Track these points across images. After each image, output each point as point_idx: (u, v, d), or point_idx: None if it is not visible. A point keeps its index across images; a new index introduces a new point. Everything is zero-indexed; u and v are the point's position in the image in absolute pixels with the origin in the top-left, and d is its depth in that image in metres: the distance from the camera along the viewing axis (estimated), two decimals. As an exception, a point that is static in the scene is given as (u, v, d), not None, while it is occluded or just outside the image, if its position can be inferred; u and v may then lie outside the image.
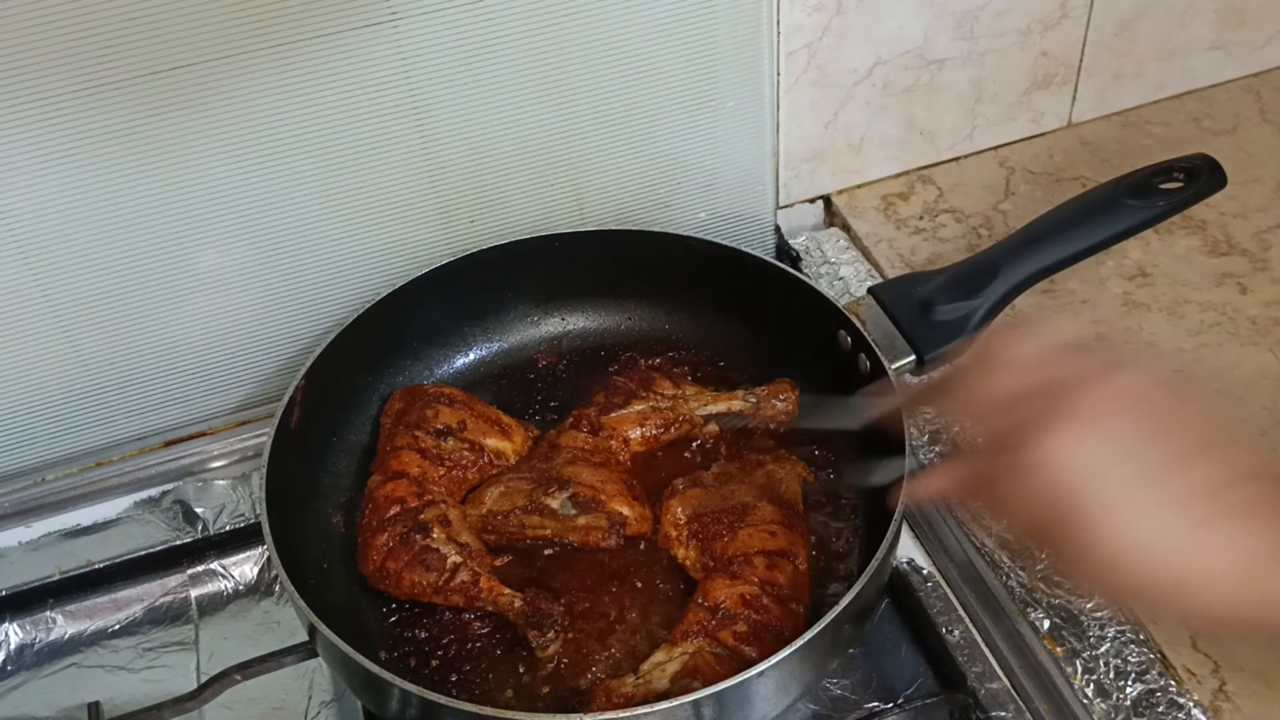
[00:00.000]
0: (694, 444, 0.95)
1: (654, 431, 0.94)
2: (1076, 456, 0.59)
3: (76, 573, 0.94)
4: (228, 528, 0.97)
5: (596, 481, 0.88)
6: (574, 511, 0.86)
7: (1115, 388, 0.61)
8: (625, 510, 0.87)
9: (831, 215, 1.16)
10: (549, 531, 0.86)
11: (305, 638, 0.82)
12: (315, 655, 0.82)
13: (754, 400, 0.95)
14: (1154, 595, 0.61)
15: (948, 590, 0.87)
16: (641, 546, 0.88)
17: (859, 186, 1.16)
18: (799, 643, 0.72)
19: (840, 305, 0.92)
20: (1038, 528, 0.62)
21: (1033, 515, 0.61)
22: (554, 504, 0.86)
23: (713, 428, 0.95)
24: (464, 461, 0.91)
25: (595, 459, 0.90)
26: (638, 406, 0.94)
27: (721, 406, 0.95)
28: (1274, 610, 0.58)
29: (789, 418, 0.95)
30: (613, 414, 0.93)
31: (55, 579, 0.94)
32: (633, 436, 0.93)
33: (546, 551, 0.88)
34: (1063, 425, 0.60)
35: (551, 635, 0.82)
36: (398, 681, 0.72)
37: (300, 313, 1.02)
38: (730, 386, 0.97)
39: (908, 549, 0.91)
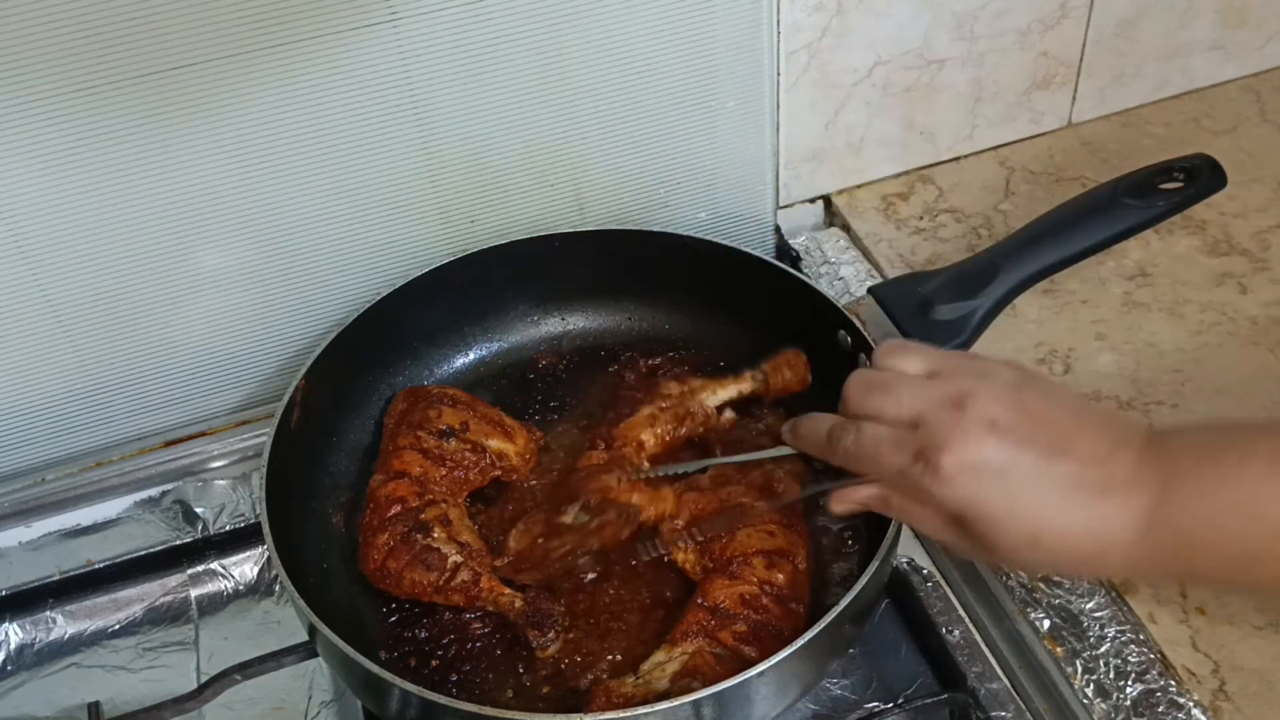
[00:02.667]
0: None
1: (666, 428, 0.93)
2: (965, 475, 0.65)
3: (76, 573, 0.95)
4: (228, 528, 0.97)
5: (604, 484, 0.87)
6: (587, 518, 0.86)
7: (981, 409, 0.66)
8: (635, 498, 0.87)
9: (831, 215, 1.16)
10: (569, 545, 0.85)
11: (305, 638, 0.82)
12: (315, 655, 0.82)
13: (762, 376, 0.95)
14: (1060, 569, 0.70)
15: (948, 590, 0.88)
16: (644, 546, 0.88)
17: (859, 186, 1.16)
18: (799, 643, 0.72)
19: (840, 305, 0.92)
20: (952, 540, 0.69)
21: (944, 532, 0.69)
22: (567, 519, 0.86)
23: (729, 415, 0.95)
24: (466, 462, 0.91)
25: (607, 469, 0.90)
26: (645, 410, 0.94)
27: (731, 390, 0.95)
28: (1148, 564, 0.66)
29: (803, 385, 0.94)
30: (621, 424, 0.93)
31: (55, 579, 0.94)
32: (645, 439, 0.92)
33: (589, 576, 0.86)
34: (943, 454, 0.65)
35: (552, 635, 0.82)
36: (398, 681, 0.72)
37: (300, 313, 1.02)
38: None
39: (908, 549, 0.91)
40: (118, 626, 0.93)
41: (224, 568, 0.96)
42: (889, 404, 0.69)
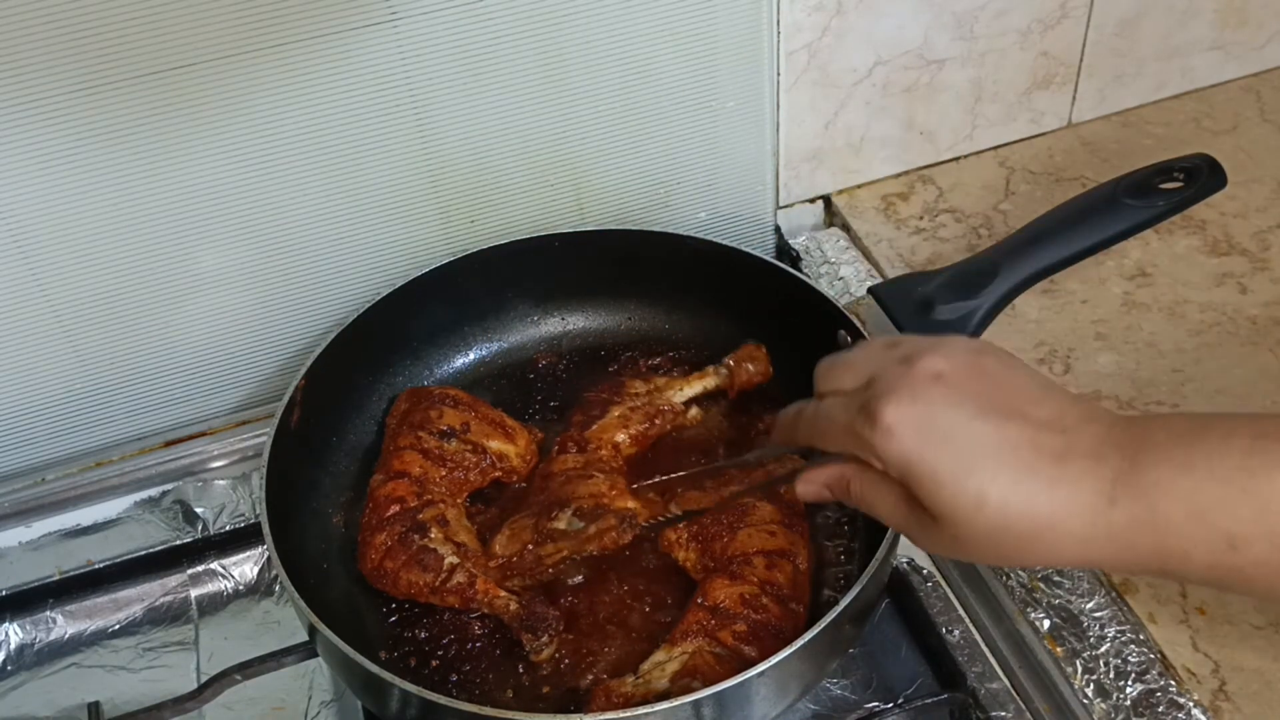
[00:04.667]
0: (683, 440, 0.95)
1: (640, 429, 0.93)
2: (907, 426, 0.60)
3: (76, 573, 0.94)
4: (228, 528, 0.97)
5: (594, 489, 0.87)
6: (582, 524, 0.85)
7: (929, 362, 0.62)
8: (630, 504, 0.87)
9: (831, 215, 1.16)
10: (566, 551, 0.85)
11: (305, 638, 0.82)
12: (315, 655, 0.82)
13: (726, 370, 0.96)
14: (1013, 546, 0.60)
15: (948, 590, 0.87)
16: (644, 546, 0.88)
17: (859, 186, 1.16)
18: (799, 643, 0.72)
19: (840, 305, 0.92)
20: (906, 520, 0.64)
21: (899, 511, 0.63)
22: (560, 525, 0.86)
23: (695, 412, 0.96)
24: (466, 463, 0.91)
25: (589, 473, 0.90)
26: (616, 411, 0.94)
27: (696, 387, 0.96)
28: (1113, 544, 0.59)
29: (765, 378, 0.96)
30: (593, 426, 0.93)
31: (55, 579, 0.94)
32: (620, 440, 0.93)
33: (576, 578, 0.86)
34: (886, 403, 0.61)
35: (546, 639, 0.82)
36: (398, 681, 0.72)
37: (300, 313, 1.02)
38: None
39: (908, 549, 0.91)
40: (118, 626, 0.93)
41: (224, 568, 0.96)
42: (848, 375, 0.67)
